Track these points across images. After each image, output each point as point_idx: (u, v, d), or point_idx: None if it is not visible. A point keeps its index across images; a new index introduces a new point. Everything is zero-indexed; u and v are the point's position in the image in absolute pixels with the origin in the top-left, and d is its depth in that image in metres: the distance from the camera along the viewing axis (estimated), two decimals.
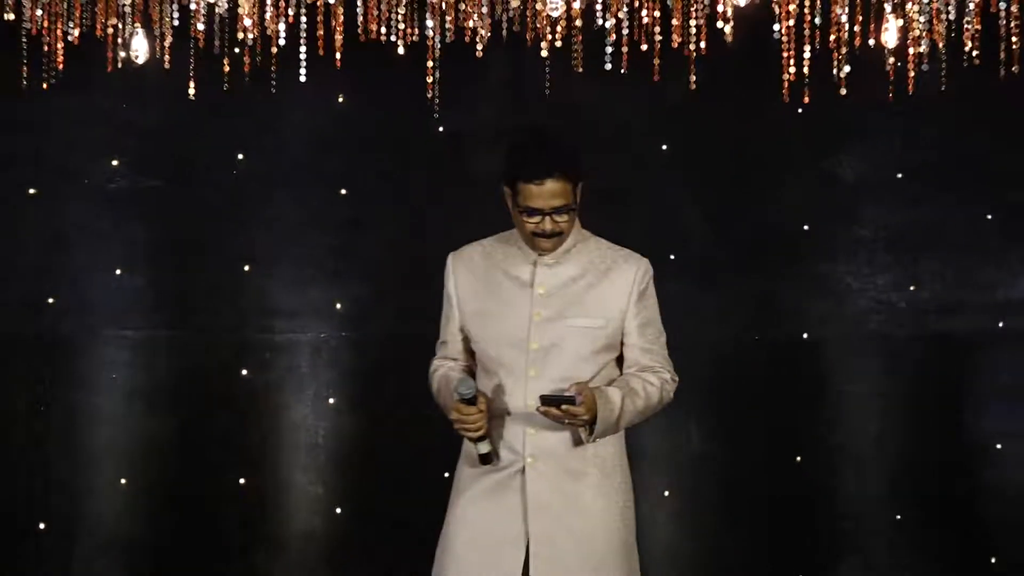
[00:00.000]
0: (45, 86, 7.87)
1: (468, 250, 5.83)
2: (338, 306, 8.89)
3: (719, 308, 8.80)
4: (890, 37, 7.73)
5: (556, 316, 5.63)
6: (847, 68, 7.71)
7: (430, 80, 7.79)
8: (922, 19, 7.60)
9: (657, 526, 8.64)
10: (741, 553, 8.79)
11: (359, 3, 7.70)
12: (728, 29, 7.64)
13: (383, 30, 7.76)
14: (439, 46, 7.76)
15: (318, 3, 7.68)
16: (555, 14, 7.61)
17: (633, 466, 5.98)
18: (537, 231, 5.55)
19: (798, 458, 8.82)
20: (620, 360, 5.81)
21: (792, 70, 7.74)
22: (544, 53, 7.74)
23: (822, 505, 8.83)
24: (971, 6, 7.58)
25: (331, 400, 8.88)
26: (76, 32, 7.77)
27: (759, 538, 8.78)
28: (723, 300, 8.83)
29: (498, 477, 5.59)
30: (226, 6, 7.69)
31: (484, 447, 5.55)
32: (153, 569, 8.76)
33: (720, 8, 7.60)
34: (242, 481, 8.81)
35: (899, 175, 8.88)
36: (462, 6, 7.69)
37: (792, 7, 7.59)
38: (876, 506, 8.79)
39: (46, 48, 7.79)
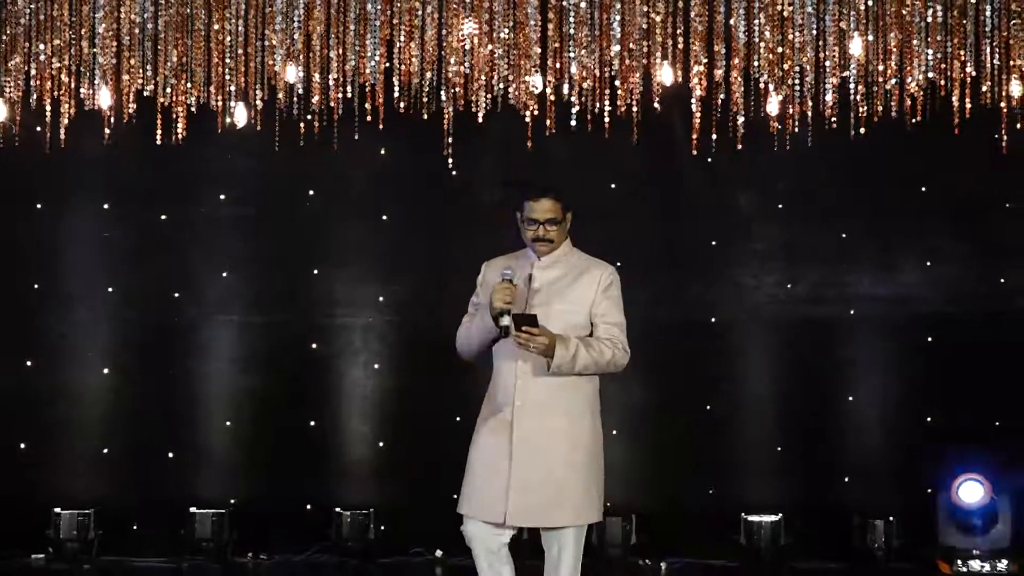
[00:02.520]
0: (173, 141, 7.97)
1: (495, 261, 5.84)
2: (381, 299, 8.94)
3: (653, 299, 8.74)
4: (773, 107, 7.81)
5: (545, 303, 5.67)
6: (742, 129, 7.82)
7: (446, 138, 7.86)
8: (796, 95, 7.68)
9: (608, 453, 8.63)
10: (669, 474, 8.77)
11: (395, 84, 7.78)
12: (657, 102, 7.76)
13: (412, 103, 7.82)
14: (452, 114, 7.82)
15: (366, 85, 7.76)
16: (536, 91, 7.71)
17: None
18: (535, 236, 5.65)
19: (708, 406, 8.85)
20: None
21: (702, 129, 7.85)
22: (527, 118, 7.84)
23: (726, 440, 8.82)
24: (830, 85, 7.66)
25: (376, 366, 8.93)
26: (195, 103, 7.86)
27: (682, 463, 8.76)
28: (656, 293, 8.79)
29: (500, 418, 5.61)
30: (301, 87, 7.77)
31: (506, 320, 5.50)
32: (249, 483, 8.79)
33: (652, 86, 7.70)
34: (312, 423, 8.88)
35: (780, 205, 8.92)
36: (469, 85, 7.75)
37: (703, 86, 7.67)
38: (763, 439, 8.79)
39: (174, 115, 7.88)
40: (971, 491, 8.26)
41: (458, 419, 8.16)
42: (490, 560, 5.66)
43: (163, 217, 8.87)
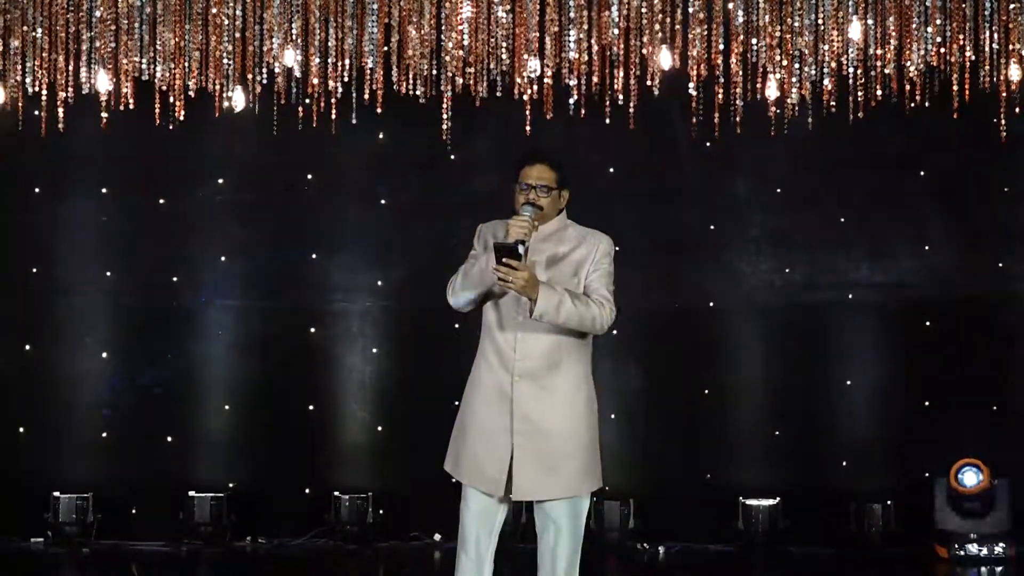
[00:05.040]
0: (171, 126, 7.93)
1: (492, 223, 5.59)
2: (379, 283, 8.91)
3: (649, 284, 8.77)
4: (771, 91, 7.78)
5: (541, 275, 5.46)
6: (740, 113, 7.78)
7: (444, 122, 7.82)
8: (794, 79, 7.65)
9: (605, 438, 8.56)
10: (666, 459, 8.77)
11: (394, 68, 7.74)
12: (656, 87, 7.72)
13: (410, 87, 7.79)
14: (450, 98, 7.79)
15: (365, 68, 7.72)
16: (533, 75, 7.68)
17: None
18: (525, 200, 5.44)
19: (706, 391, 8.83)
20: None
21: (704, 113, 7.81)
22: (526, 102, 7.81)
23: (724, 425, 8.81)
24: (827, 70, 7.63)
25: (374, 350, 8.90)
26: (193, 87, 7.82)
27: (679, 448, 8.76)
28: (652, 279, 8.79)
29: (498, 389, 5.44)
30: (300, 70, 7.74)
31: (520, 249, 5.23)
32: (247, 467, 8.79)
33: (650, 71, 7.66)
34: (311, 407, 8.85)
35: (778, 190, 8.88)
36: (468, 69, 7.72)
37: (701, 70, 7.64)
38: (760, 424, 8.77)
39: (171, 99, 7.84)
40: (970, 476, 8.25)
41: (456, 403, 8.04)
42: (479, 536, 5.47)
43: (161, 201, 8.83)
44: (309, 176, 8.90)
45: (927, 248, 8.79)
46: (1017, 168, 8.69)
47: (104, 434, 8.75)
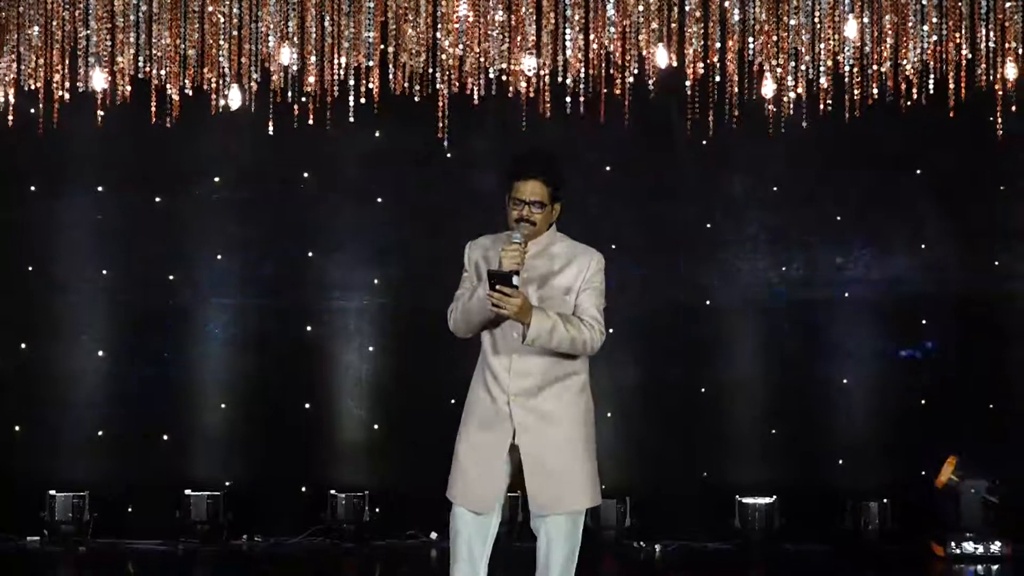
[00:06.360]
0: (167, 124, 7.92)
1: (480, 240, 5.68)
2: (376, 282, 8.90)
3: (646, 282, 8.77)
4: (768, 90, 7.78)
5: (531, 293, 5.50)
6: (737, 112, 7.78)
7: (441, 120, 7.81)
8: (790, 78, 7.65)
9: (602, 436, 8.56)
10: (663, 457, 8.78)
11: (390, 65, 7.73)
12: (652, 84, 7.71)
13: (407, 85, 7.79)
14: (447, 96, 7.79)
15: (361, 66, 7.71)
16: (530, 73, 7.66)
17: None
18: (518, 217, 5.49)
19: (703, 389, 8.83)
20: None
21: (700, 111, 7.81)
22: (522, 98, 7.80)
23: (721, 423, 8.81)
24: (823, 68, 7.63)
25: (370, 348, 8.89)
26: (189, 85, 7.81)
27: (676, 446, 8.77)
28: (649, 277, 8.79)
29: (494, 409, 5.48)
30: (296, 67, 7.73)
31: (515, 280, 5.29)
32: (244, 466, 8.78)
33: (647, 69, 7.65)
34: (307, 406, 8.84)
35: (775, 188, 8.89)
36: (464, 67, 7.72)
37: (698, 68, 7.63)
38: (757, 422, 8.78)
39: (168, 97, 7.82)
40: (945, 473, 8.29)
41: (452, 402, 7.96)
42: (472, 542, 5.51)
43: (157, 200, 8.82)
44: (305, 174, 8.89)
45: (923, 246, 8.80)
46: (1013, 167, 8.71)
47: (100, 432, 8.74)
